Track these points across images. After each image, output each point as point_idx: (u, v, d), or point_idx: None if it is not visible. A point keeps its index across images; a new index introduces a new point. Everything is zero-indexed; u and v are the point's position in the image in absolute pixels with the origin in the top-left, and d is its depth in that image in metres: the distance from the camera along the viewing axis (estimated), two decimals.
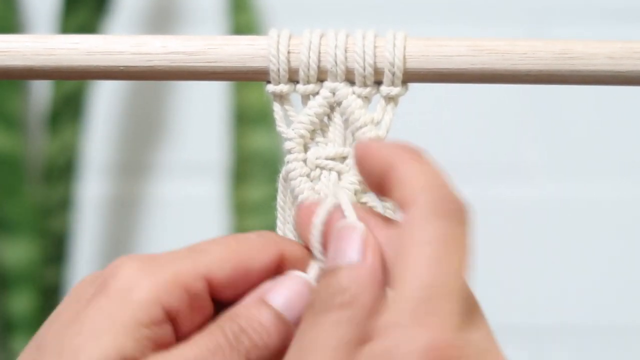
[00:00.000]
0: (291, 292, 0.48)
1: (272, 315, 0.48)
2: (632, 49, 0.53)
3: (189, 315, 0.47)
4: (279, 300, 0.48)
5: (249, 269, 0.48)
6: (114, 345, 0.45)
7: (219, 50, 0.54)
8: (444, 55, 0.53)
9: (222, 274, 0.48)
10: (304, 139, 0.54)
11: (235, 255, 0.48)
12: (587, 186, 1.19)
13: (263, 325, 0.47)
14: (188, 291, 0.47)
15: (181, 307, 0.47)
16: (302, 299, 0.48)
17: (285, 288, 0.48)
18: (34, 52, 0.54)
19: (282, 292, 0.48)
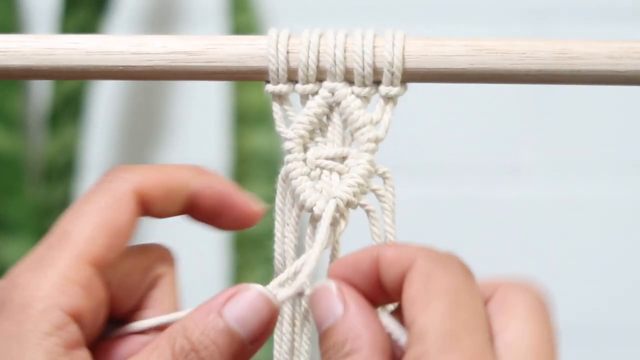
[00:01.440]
0: (247, 306, 0.47)
1: (225, 332, 0.47)
2: (631, 48, 0.53)
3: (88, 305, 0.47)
4: (234, 315, 0.47)
5: (117, 227, 0.49)
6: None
7: (218, 50, 0.54)
8: (443, 55, 0.53)
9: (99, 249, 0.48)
10: (304, 139, 0.54)
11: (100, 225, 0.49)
12: (587, 186, 1.19)
13: (216, 344, 0.47)
14: (79, 284, 0.47)
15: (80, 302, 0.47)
16: (258, 314, 0.47)
17: (241, 302, 0.48)
18: (34, 52, 0.54)
19: (237, 306, 0.47)
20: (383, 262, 0.47)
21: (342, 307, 0.47)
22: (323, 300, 0.47)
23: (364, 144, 0.54)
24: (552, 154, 1.19)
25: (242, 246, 1.16)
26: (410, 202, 1.16)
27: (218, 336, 0.47)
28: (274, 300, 0.48)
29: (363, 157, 0.54)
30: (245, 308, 0.47)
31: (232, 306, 0.47)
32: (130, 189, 0.50)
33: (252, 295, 0.48)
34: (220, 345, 0.47)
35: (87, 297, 0.47)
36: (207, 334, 0.47)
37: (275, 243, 0.55)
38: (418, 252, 0.47)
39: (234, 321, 0.47)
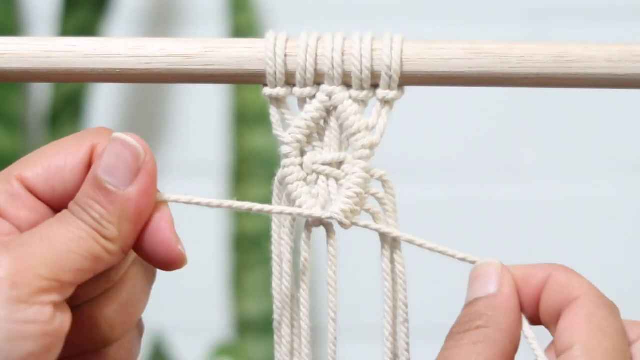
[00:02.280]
0: (111, 155, 0.51)
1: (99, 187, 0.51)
2: (630, 51, 0.53)
3: (13, 210, 0.51)
4: (103, 168, 0.51)
5: (59, 167, 0.52)
6: None
7: (216, 53, 0.54)
8: (441, 58, 0.53)
9: (32, 174, 0.52)
10: (301, 143, 0.54)
11: (45, 157, 0.52)
12: (586, 186, 1.19)
13: (95, 199, 0.50)
14: (3, 191, 0.51)
15: (3, 206, 0.51)
16: (122, 158, 0.51)
17: (107, 155, 0.51)
18: (32, 54, 0.54)
19: (104, 160, 0.51)
20: (552, 282, 0.53)
21: (496, 287, 0.52)
22: (485, 274, 0.53)
23: (359, 150, 0.53)
24: (552, 154, 1.19)
25: (241, 247, 1.16)
26: (410, 203, 1.16)
27: (94, 192, 0.51)
28: (131, 141, 0.52)
29: (357, 164, 0.53)
30: (110, 158, 0.51)
31: (101, 162, 0.51)
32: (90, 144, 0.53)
33: (113, 145, 0.52)
34: (98, 199, 0.51)
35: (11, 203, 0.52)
36: (87, 194, 0.51)
37: (273, 244, 0.56)
38: (588, 286, 0.52)
39: (102, 173, 0.51)
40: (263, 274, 1.15)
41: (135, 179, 0.51)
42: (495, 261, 0.54)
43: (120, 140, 0.52)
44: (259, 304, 1.16)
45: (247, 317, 1.16)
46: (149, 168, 0.52)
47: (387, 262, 0.55)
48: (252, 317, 1.16)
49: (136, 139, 0.52)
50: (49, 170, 0.52)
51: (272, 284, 0.56)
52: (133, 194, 0.51)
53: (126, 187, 0.51)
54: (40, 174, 0.52)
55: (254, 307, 1.16)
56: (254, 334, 1.16)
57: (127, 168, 0.51)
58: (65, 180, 0.52)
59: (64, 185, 0.52)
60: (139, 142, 0.52)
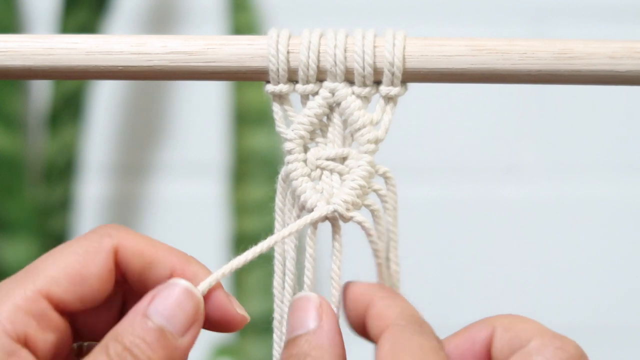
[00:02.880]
0: (171, 302, 0.49)
1: (154, 330, 0.48)
2: (632, 48, 0.53)
3: (41, 335, 0.49)
4: (160, 312, 0.49)
5: (85, 276, 0.50)
6: None
7: (218, 50, 0.54)
8: (444, 55, 0.53)
9: (60, 289, 0.49)
10: (304, 140, 0.54)
11: (69, 268, 0.50)
12: (586, 186, 1.19)
13: (146, 342, 0.48)
14: (31, 314, 0.49)
15: (29, 330, 0.48)
16: (183, 307, 0.49)
17: (165, 298, 0.49)
18: (33, 52, 0.54)
19: (161, 303, 0.49)
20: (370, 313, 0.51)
21: (317, 322, 0.50)
22: (302, 309, 0.50)
23: (364, 144, 0.54)
24: (552, 154, 1.19)
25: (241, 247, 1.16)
26: (410, 202, 1.16)
27: (147, 334, 0.48)
28: (196, 293, 0.50)
29: (363, 158, 0.54)
30: (170, 304, 0.49)
31: (157, 304, 0.49)
32: (111, 245, 0.51)
33: (175, 290, 0.50)
34: (150, 342, 0.48)
35: (39, 327, 0.49)
36: (136, 334, 0.48)
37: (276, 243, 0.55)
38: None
39: (159, 317, 0.49)
40: (263, 274, 1.15)
41: (190, 330, 0.50)
42: (313, 294, 0.51)
43: (184, 289, 0.50)
44: (259, 304, 1.16)
45: None
46: (201, 320, 0.50)
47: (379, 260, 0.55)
48: (252, 317, 1.16)
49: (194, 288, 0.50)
50: (75, 282, 0.50)
51: (274, 282, 0.56)
52: (185, 344, 0.49)
53: (181, 337, 0.49)
54: (68, 289, 0.50)
55: (254, 307, 1.16)
56: (254, 334, 1.16)
57: (186, 319, 0.49)
58: (93, 288, 0.50)
59: (92, 294, 0.50)
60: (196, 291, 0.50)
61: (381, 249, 0.54)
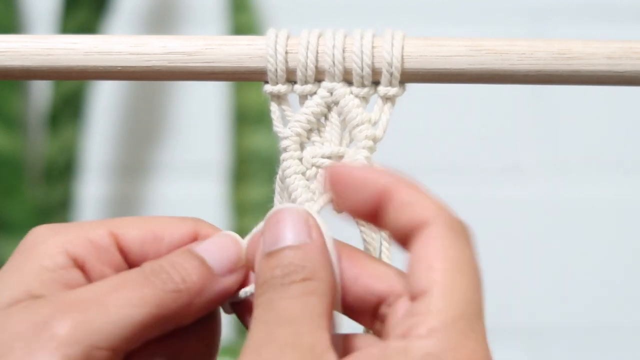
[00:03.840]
0: (217, 244, 0.50)
1: (194, 259, 0.49)
2: (631, 48, 0.53)
3: (98, 266, 0.50)
4: (204, 249, 0.50)
5: (158, 237, 0.50)
6: (19, 286, 0.48)
7: (217, 50, 0.54)
8: (442, 55, 0.53)
9: (129, 235, 0.50)
10: (300, 138, 0.54)
11: (146, 224, 0.51)
12: (586, 186, 1.19)
13: (184, 267, 0.49)
14: (93, 243, 0.50)
15: (87, 257, 0.49)
16: (229, 251, 0.50)
17: (211, 241, 0.50)
18: (32, 52, 0.54)
19: (207, 243, 0.50)
20: (395, 202, 0.47)
21: (308, 236, 0.47)
22: (288, 220, 0.48)
23: (362, 141, 0.54)
24: (552, 154, 1.19)
25: None
26: None
27: (186, 259, 0.49)
28: (240, 240, 0.50)
29: (361, 153, 0.53)
30: (213, 242, 0.50)
31: (201, 243, 0.50)
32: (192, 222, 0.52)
33: (221, 235, 0.50)
34: (187, 267, 0.49)
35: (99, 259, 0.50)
36: (175, 258, 0.49)
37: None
38: (436, 210, 0.46)
39: (202, 251, 0.49)
40: None
41: (229, 274, 0.49)
42: (300, 207, 0.49)
43: (231, 236, 0.50)
44: None
45: None
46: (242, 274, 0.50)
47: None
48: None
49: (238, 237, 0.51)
50: (146, 237, 0.51)
51: None
52: (222, 283, 0.49)
53: (220, 276, 0.49)
54: (136, 238, 0.50)
55: None
56: None
57: (228, 260, 0.50)
58: (160, 252, 0.50)
59: (157, 256, 0.50)
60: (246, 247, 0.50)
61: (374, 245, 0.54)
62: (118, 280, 0.48)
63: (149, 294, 0.48)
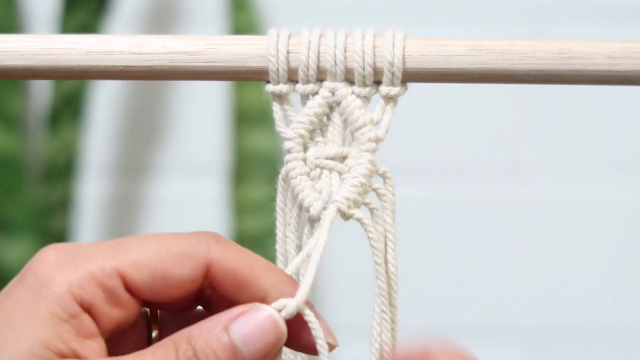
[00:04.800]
0: (255, 326, 0.48)
1: (229, 348, 0.47)
2: (631, 48, 0.53)
3: (107, 309, 0.48)
4: (240, 332, 0.48)
5: (167, 277, 0.48)
6: (36, 337, 0.46)
7: (218, 50, 0.54)
8: (443, 55, 0.53)
9: (138, 277, 0.48)
10: (304, 139, 0.54)
11: (156, 261, 0.48)
12: (586, 186, 1.19)
13: (216, 356, 0.47)
14: (102, 287, 0.48)
15: (96, 301, 0.48)
16: (265, 335, 0.48)
17: (249, 320, 0.48)
18: (33, 52, 0.54)
19: (245, 324, 0.48)
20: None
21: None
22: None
23: (365, 143, 0.54)
24: (552, 154, 1.19)
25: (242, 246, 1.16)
26: (410, 202, 1.16)
27: (221, 350, 0.47)
28: (282, 326, 0.48)
29: (364, 156, 0.54)
30: (253, 328, 0.48)
31: (240, 324, 0.48)
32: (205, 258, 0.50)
33: (262, 316, 0.48)
34: (220, 358, 0.47)
35: (107, 301, 0.48)
36: (210, 345, 0.47)
37: (277, 243, 0.55)
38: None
39: (239, 339, 0.48)
40: None
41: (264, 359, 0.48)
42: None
43: (272, 319, 0.48)
44: None
45: None
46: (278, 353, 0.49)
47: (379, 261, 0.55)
48: None
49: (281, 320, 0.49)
50: (155, 277, 0.48)
51: None
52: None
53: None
54: (146, 279, 0.48)
55: None
56: None
57: (265, 349, 0.48)
58: (170, 290, 0.49)
59: (168, 294, 0.49)
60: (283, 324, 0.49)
61: (380, 248, 0.55)
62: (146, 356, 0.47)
63: None
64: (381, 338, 0.55)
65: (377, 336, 0.55)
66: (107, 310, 0.48)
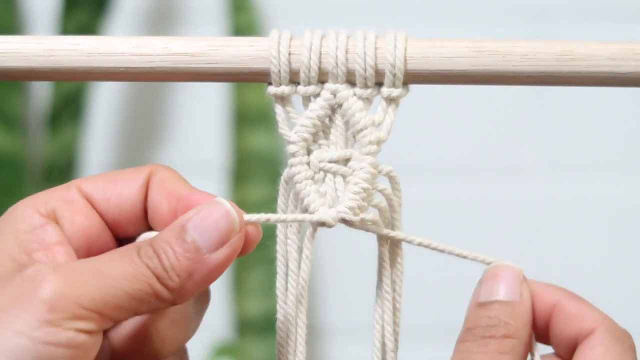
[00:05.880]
0: (207, 215, 0.51)
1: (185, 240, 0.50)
2: (632, 50, 0.53)
3: (69, 215, 0.52)
4: (195, 223, 0.51)
5: (117, 180, 0.53)
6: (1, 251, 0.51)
7: (220, 51, 0.54)
8: (445, 56, 0.53)
9: (91, 185, 0.53)
10: (307, 142, 0.54)
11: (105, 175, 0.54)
12: (586, 186, 1.19)
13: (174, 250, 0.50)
14: (62, 197, 0.52)
15: (58, 209, 0.52)
16: (220, 226, 0.51)
17: (203, 212, 0.51)
18: (34, 53, 0.54)
19: (199, 216, 0.51)
20: (561, 313, 0.51)
21: (519, 295, 0.51)
22: (505, 277, 0.52)
23: (366, 146, 0.54)
24: (552, 154, 1.19)
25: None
26: (410, 202, 1.16)
27: (178, 243, 0.50)
28: (233, 214, 0.52)
29: (365, 160, 0.54)
30: (205, 217, 0.51)
31: (195, 218, 0.51)
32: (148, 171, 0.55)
33: (214, 207, 0.52)
34: (176, 247, 0.50)
35: (68, 208, 0.52)
36: (168, 241, 0.50)
37: (278, 244, 0.56)
38: (602, 317, 0.51)
39: (193, 229, 0.51)
40: (263, 274, 1.15)
41: (221, 248, 0.51)
42: (517, 266, 0.53)
43: (222, 207, 0.52)
44: (259, 304, 1.16)
45: (247, 317, 1.16)
46: (236, 245, 0.52)
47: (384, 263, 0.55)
48: (252, 317, 1.16)
49: (236, 211, 0.52)
50: (107, 183, 0.53)
51: (277, 283, 0.56)
52: (212, 260, 0.51)
53: (209, 252, 0.51)
54: (99, 186, 0.53)
55: (254, 307, 1.16)
56: (254, 334, 1.16)
57: (218, 235, 0.51)
58: (122, 195, 0.53)
59: (120, 199, 0.53)
60: (238, 216, 0.52)
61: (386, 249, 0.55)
62: (112, 255, 0.50)
63: (143, 273, 0.49)
64: (382, 336, 0.55)
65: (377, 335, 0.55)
66: (70, 216, 0.52)
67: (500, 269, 0.52)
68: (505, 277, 0.52)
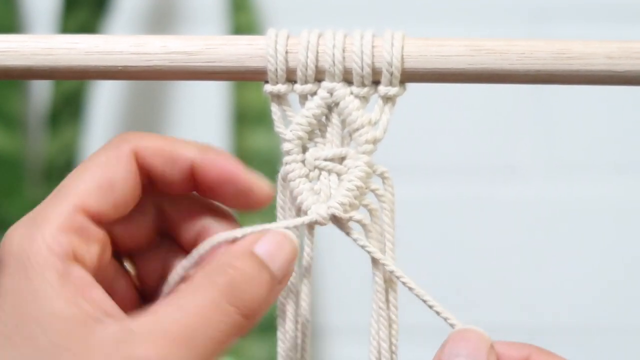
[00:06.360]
0: (274, 244, 0.51)
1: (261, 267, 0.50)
2: (630, 48, 0.53)
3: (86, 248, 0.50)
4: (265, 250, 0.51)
5: (112, 182, 0.51)
6: None
7: (217, 50, 0.54)
8: (442, 55, 0.53)
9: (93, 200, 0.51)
10: (302, 140, 0.55)
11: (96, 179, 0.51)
12: (586, 186, 1.19)
13: (255, 279, 0.49)
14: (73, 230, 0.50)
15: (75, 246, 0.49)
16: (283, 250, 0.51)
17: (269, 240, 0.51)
18: (33, 52, 0.54)
19: (266, 243, 0.51)
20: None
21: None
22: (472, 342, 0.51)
23: (362, 145, 0.54)
24: (551, 154, 1.19)
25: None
26: (409, 202, 1.17)
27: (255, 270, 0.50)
28: (295, 239, 0.51)
29: (361, 158, 0.54)
30: (273, 245, 0.51)
31: (261, 244, 0.51)
32: (129, 149, 0.52)
33: (277, 234, 0.51)
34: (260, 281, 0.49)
35: (83, 241, 0.50)
36: (245, 269, 0.49)
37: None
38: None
39: (266, 256, 0.50)
40: None
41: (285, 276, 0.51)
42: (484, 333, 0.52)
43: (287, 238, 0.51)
44: None
45: None
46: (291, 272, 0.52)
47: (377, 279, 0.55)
48: None
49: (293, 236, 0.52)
50: (104, 190, 0.51)
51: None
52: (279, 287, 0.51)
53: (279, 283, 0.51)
54: (100, 198, 0.51)
55: None
56: (254, 334, 1.16)
57: (285, 262, 0.51)
58: (123, 193, 0.51)
59: (123, 198, 0.51)
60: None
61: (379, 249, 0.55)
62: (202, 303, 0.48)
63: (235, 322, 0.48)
64: (379, 336, 0.55)
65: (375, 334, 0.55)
66: (87, 249, 0.50)
67: (467, 332, 0.52)
68: (470, 341, 0.51)
